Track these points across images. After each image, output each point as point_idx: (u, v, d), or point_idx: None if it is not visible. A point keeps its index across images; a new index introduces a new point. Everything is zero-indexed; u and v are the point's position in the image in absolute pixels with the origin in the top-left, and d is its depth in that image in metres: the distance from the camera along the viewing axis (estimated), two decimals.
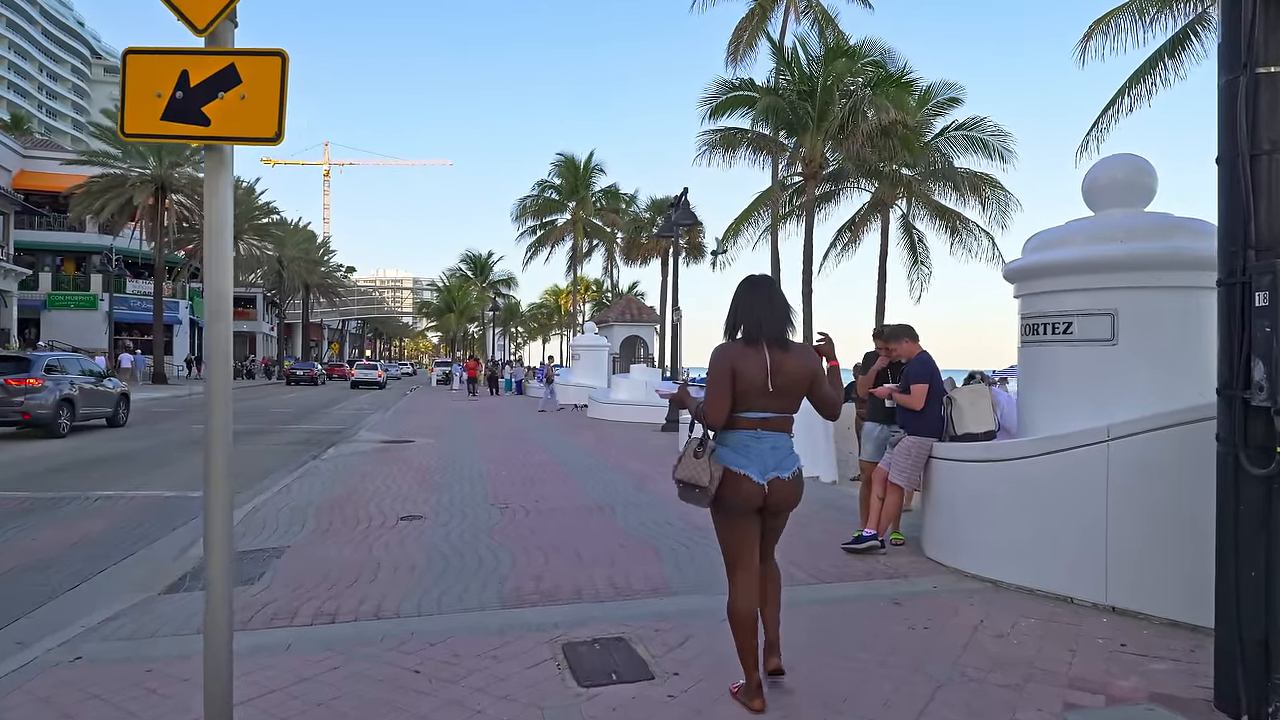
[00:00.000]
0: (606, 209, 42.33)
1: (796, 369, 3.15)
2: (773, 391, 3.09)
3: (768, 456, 3.12)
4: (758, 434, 3.12)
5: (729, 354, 3.14)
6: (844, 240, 21.52)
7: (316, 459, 12.10)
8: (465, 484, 9.43)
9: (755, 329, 3.16)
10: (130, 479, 10.29)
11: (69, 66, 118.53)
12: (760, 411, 3.11)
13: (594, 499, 8.30)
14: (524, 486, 9.21)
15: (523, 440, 14.95)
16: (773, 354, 3.11)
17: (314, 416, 21.85)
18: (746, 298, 3.24)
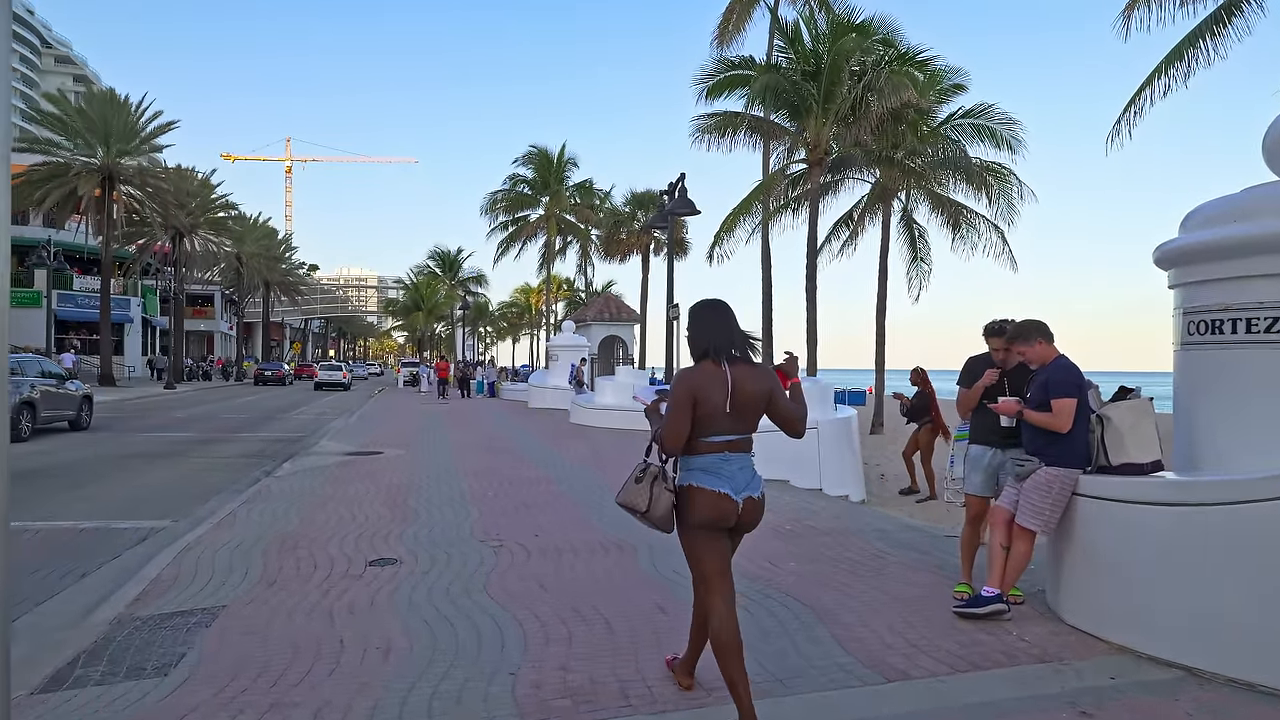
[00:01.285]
0: (581, 205, 40.87)
1: (754, 389, 3.17)
2: (732, 413, 3.13)
3: (738, 476, 3.17)
4: (725, 456, 3.17)
5: (689, 379, 3.16)
6: (841, 237, 20.36)
7: (270, 475, 10.54)
8: (446, 509, 7.98)
9: (713, 353, 3.18)
10: (45, 503, 8.68)
11: (18, 55, 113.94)
12: (725, 434, 3.16)
13: (606, 532, 6.90)
14: (518, 514, 7.78)
15: (505, 452, 13.49)
16: (734, 375, 3.13)
17: (271, 423, 20.13)
18: (705, 320, 3.27)
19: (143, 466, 11.79)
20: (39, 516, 8.03)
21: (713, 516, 3.14)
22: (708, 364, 3.18)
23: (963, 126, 16.81)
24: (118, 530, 7.49)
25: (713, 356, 3.18)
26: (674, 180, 14.55)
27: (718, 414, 3.12)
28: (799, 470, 9.33)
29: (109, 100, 36.44)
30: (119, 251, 40.27)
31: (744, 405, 3.16)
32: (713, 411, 3.11)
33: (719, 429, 3.14)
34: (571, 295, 58.17)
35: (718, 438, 3.15)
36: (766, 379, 3.26)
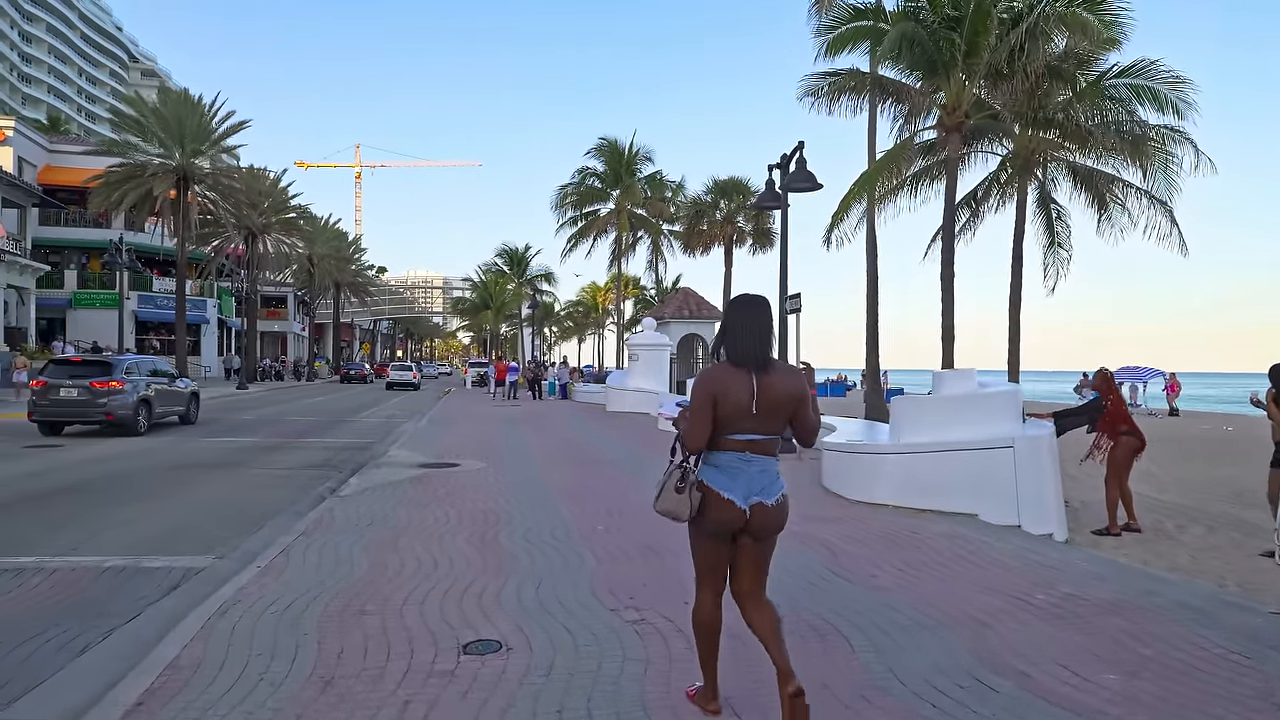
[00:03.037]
0: (653, 198, 39.10)
1: (782, 391, 3.12)
2: (757, 414, 3.09)
3: (755, 479, 3.13)
4: (746, 456, 3.13)
5: (711, 377, 3.16)
6: (961, 219, 18.08)
7: (334, 494, 9.03)
8: (550, 551, 6.25)
9: (735, 354, 3.15)
10: (79, 525, 7.31)
11: (107, 70, 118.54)
12: (747, 434, 3.12)
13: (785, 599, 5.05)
14: (646, 561, 6.00)
15: (599, 465, 11.77)
16: (758, 377, 3.09)
17: (338, 427, 18.92)
18: (732, 320, 3.22)
19: (197, 479, 10.47)
20: (63, 548, 6.62)
21: (714, 520, 3.14)
22: (731, 365, 3.14)
23: (1117, 87, 14.40)
24: (147, 572, 5.99)
25: (735, 362, 3.14)
26: (788, 152, 12.60)
27: (741, 413, 3.08)
28: (989, 500, 7.32)
29: (183, 100, 36.35)
30: (194, 253, 40.31)
31: (771, 407, 3.11)
32: (735, 411, 3.08)
33: (742, 428, 3.11)
34: (639, 293, 56.49)
35: (740, 436, 3.12)
36: (796, 380, 3.20)
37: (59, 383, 14.92)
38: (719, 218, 29.40)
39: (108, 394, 14.88)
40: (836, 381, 48.78)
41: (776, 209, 12.96)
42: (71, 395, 14.82)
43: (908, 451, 7.97)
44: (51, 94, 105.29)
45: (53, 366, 15.70)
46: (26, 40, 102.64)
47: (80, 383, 14.87)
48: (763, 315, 3.22)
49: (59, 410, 14.91)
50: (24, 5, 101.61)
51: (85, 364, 15.78)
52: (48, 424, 15.17)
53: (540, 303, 47.42)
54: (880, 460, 8.28)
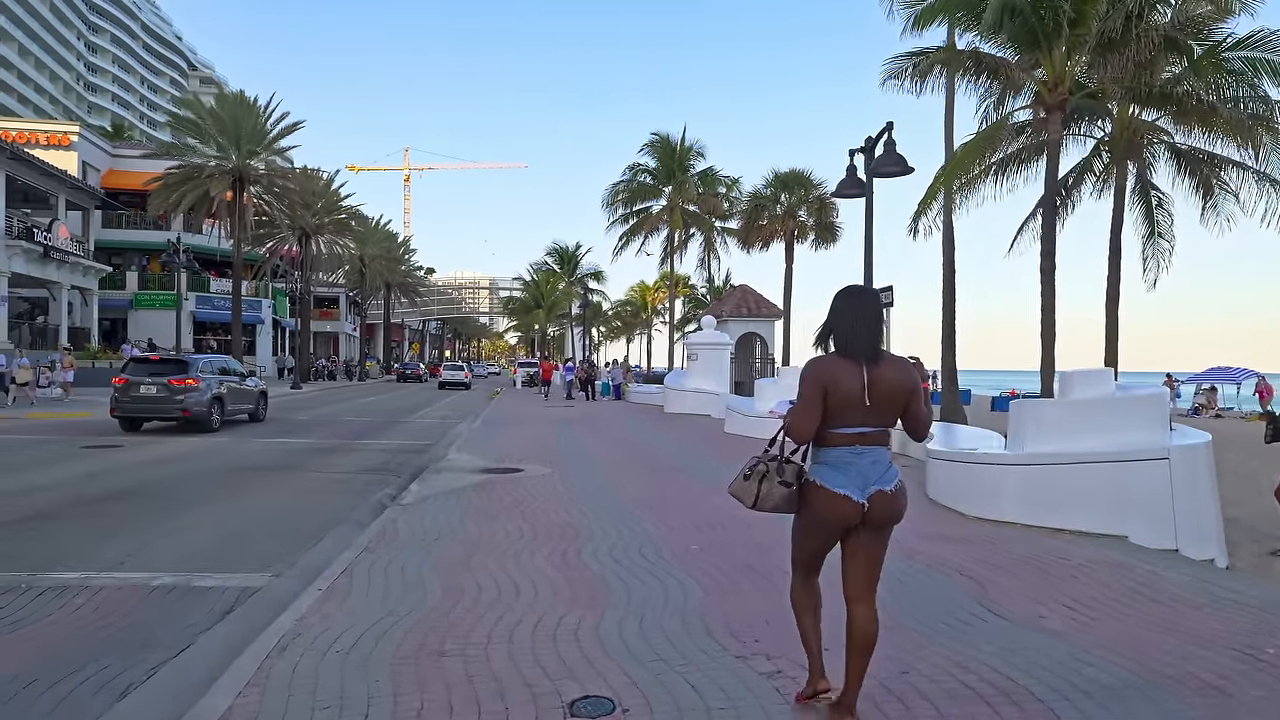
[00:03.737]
0: (706, 194, 38.18)
1: (894, 382, 3.06)
2: (870, 405, 3.02)
3: (869, 471, 3.05)
4: (857, 449, 3.05)
5: (821, 367, 3.06)
6: None
7: (395, 501, 8.42)
8: (645, 575, 5.49)
9: (843, 343, 3.08)
10: (131, 534, 6.81)
11: (168, 78, 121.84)
12: (858, 426, 3.04)
13: (938, 642, 4.21)
14: (759, 589, 5.21)
15: (672, 472, 11.00)
16: (868, 368, 3.02)
17: (393, 428, 18.49)
18: (841, 310, 3.16)
19: (252, 483, 9.99)
20: (111, 561, 6.09)
21: (829, 518, 3.10)
22: (840, 356, 3.07)
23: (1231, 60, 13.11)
24: (198, 592, 5.40)
25: (845, 353, 3.06)
26: (873, 135, 11.68)
27: (852, 405, 3.01)
28: (1139, 520, 6.34)
29: (239, 102, 36.61)
30: (249, 254, 40.68)
31: (883, 398, 3.03)
32: (845, 403, 3.01)
33: (852, 420, 3.04)
34: (689, 292, 55.53)
35: (850, 429, 3.04)
36: (907, 371, 3.13)
37: (139, 380, 15.34)
38: (779, 211, 28.38)
39: (184, 391, 15.32)
40: None
41: (859, 197, 12.05)
42: (151, 392, 15.26)
43: (1035, 463, 7.04)
44: (115, 102, 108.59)
45: (133, 365, 16.15)
46: (92, 50, 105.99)
47: (159, 380, 15.33)
48: (872, 305, 3.16)
49: (139, 407, 15.36)
50: (90, 17, 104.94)
51: (163, 362, 16.25)
52: (128, 420, 15.60)
53: (591, 302, 46.79)
54: (1001, 472, 7.34)
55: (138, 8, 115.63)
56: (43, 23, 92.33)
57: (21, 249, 28.04)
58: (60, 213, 32.46)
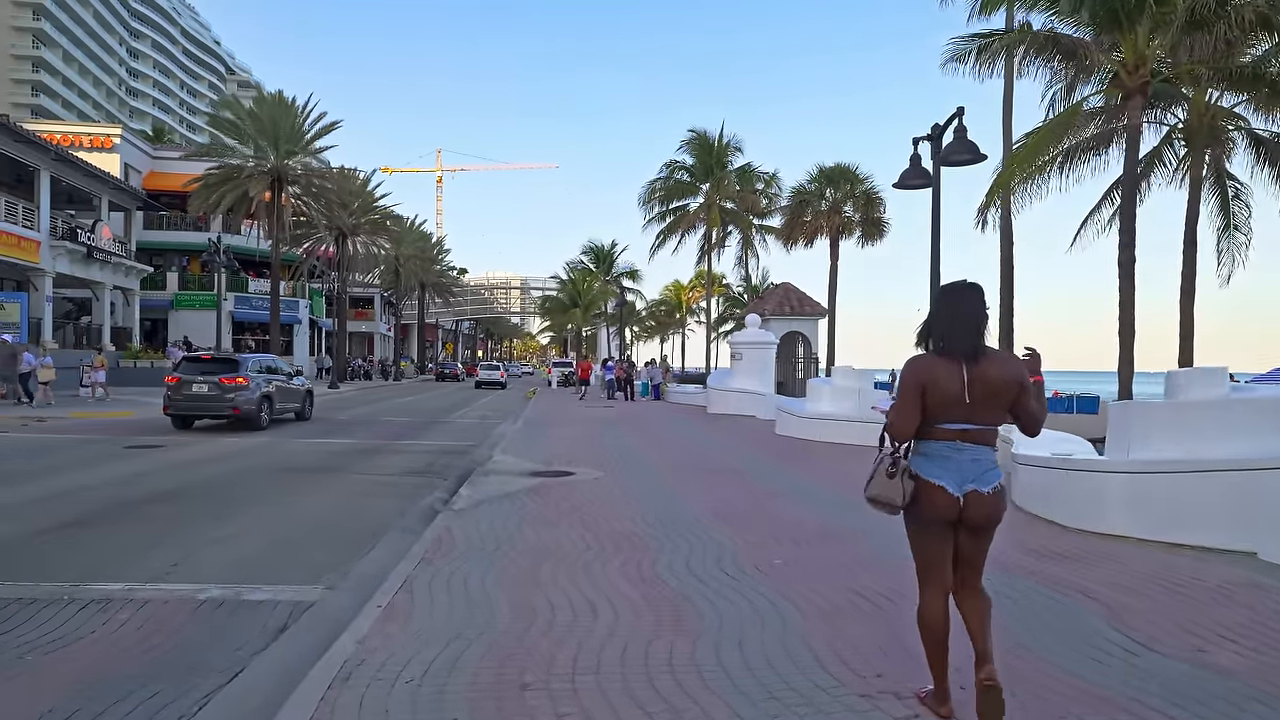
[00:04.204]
0: (744, 191, 37.50)
1: (998, 379, 3.00)
2: (971, 403, 2.99)
3: (967, 468, 3.02)
4: (958, 445, 3.03)
5: (919, 366, 3.07)
6: (1115, 201, 16.04)
7: (447, 506, 8.03)
8: (733, 595, 4.99)
9: (944, 342, 3.07)
10: (178, 540, 6.46)
11: (206, 83, 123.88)
12: (960, 423, 3.01)
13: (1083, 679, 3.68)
14: (861, 611, 4.69)
15: (729, 475, 10.49)
16: (968, 366, 2.99)
17: (434, 428, 18.19)
18: (939, 308, 3.16)
19: (298, 486, 9.67)
20: (156, 571, 5.74)
21: (928, 510, 3.06)
22: (939, 354, 3.06)
23: None
24: (249, 606, 5.02)
25: (944, 351, 3.04)
26: (941, 122, 11.07)
27: (952, 402, 2.99)
28: (1269, 533, 5.70)
29: (277, 102, 36.77)
30: (287, 255, 40.88)
31: (985, 396, 2.99)
32: (946, 400, 2.99)
33: (953, 417, 3.01)
34: (724, 291, 54.86)
35: (952, 425, 3.02)
36: (1014, 368, 3.06)
37: (191, 379, 15.48)
38: (824, 207, 27.66)
39: (235, 390, 15.42)
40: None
41: (923, 188, 11.43)
42: (202, 390, 15.38)
43: (1145, 470, 6.41)
44: (156, 106, 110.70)
45: (185, 363, 16.27)
46: (134, 56, 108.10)
47: (210, 379, 15.44)
48: (972, 302, 3.09)
49: (191, 405, 15.49)
50: (132, 23, 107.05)
51: (215, 361, 16.32)
52: (180, 418, 15.77)
53: (626, 301, 46.32)
54: (1103, 480, 6.73)
55: (177, 13, 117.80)
56: (86, 29, 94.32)
57: (66, 249, 28.30)
58: (103, 214, 32.79)
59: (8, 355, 20.01)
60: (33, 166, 27.22)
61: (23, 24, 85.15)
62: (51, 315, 28.61)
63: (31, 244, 26.37)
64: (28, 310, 25.08)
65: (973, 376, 2.99)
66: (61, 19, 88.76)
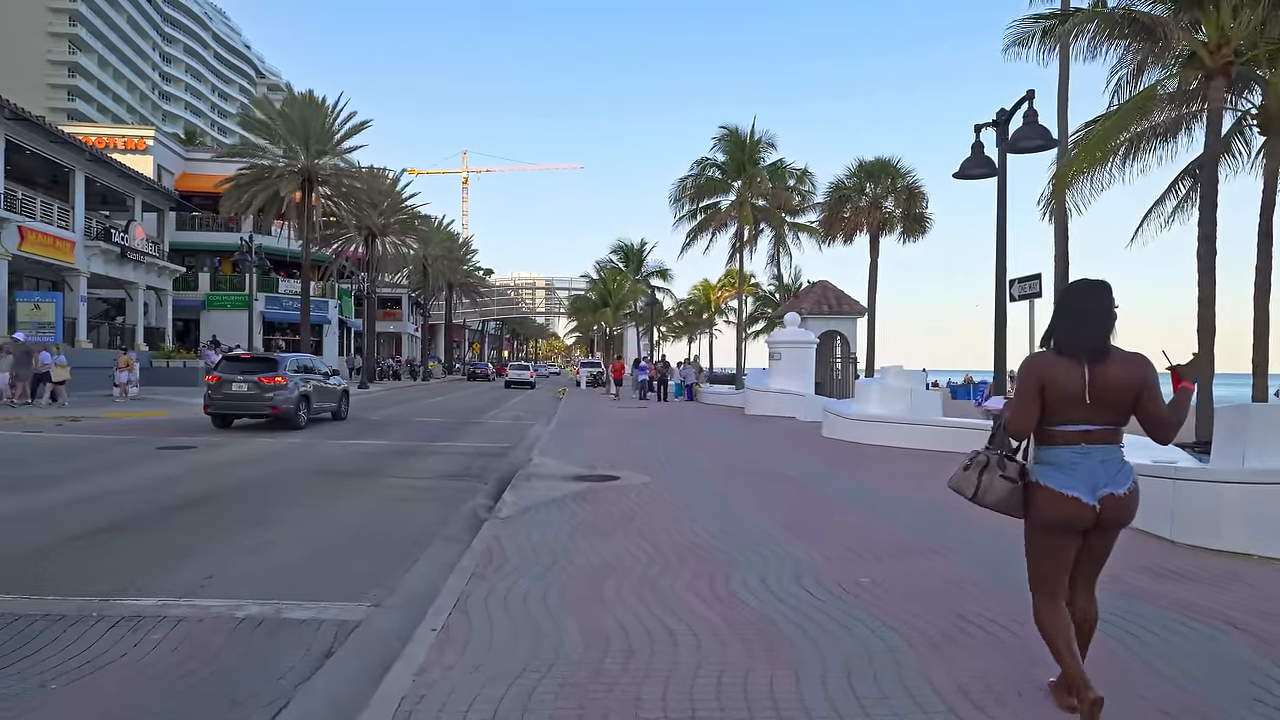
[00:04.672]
0: (776, 188, 36.81)
1: (1121, 379, 2.93)
2: (1092, 403, 2.91)
3: (1099, 471, 2.93)
4: (1083, 449, 2.94)
5: (1037, 365, 3.02)
6: (1178, 194, 15.26)
7: (492, 514, 7.58)
8: (824, 619, 4.47)
9: (1065, 341, 3.01)
10: (213, 549, 6.05)
11: (237, 86, 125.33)
12: (1081, 424, 2.94)
13: None
14: (976, 639, 4.15)
15: (782, 481, 9.95)
16: (1090, 365, 2.93)
17: (467, 429, 17.82)
18: (1063, 305, 3.11)
19: (332, 490, 9.28)
20: (190, 584, 5.34)
21: (1057, 519, 2.97)
22: (1059, 353, 3.00)
23: None
24: (290, 626, 4.59)
25: (1064, 350, 2.98)
26: (1007, 108, 10.44)
27: (1072, 402, 2.92)
28: None
29: (308, 102, 36.75)
30: (316, 255, 40.88)
31: (1107, 395, 2.91)
32: (1065, 399, 2.92)
33: (1074, 418, 2.93)
34: (754, 290, 54.15)
35: (1073, 427, 2.94)
36: (1138, 368, 2.96)
37: (231, 378, 15.54)
38: (864, 203, 26.96)
39: (274, 389, 15.43)
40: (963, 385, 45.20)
41: (988, 177, 10.81)
42: (242, 390, 15.41)
43: (1267, 481, 5.79)
44: (188, 110, 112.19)
45: (225, 363, 16.40)
46: (166, 60, 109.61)
47: (249, 378, 15.46)
48: (1097, 300, 3.03)
49: (230, 404, 15.53)
50: (164, 28, 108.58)
51: (254, 360, 16.40)
52: (220, 416, 15.86)
53: (657, 300, 45.76)
54: (1218, 491, 6.11)
55: (209, 18, 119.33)
56: (121, 34, 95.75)
57: (100, 249, 28.40)
58: (136, 214, 32.95)
59: (22, 354, 19.63)
60: (68, 167, 27.34)
61: (59, 30, 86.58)
62: (86, 315, 28.73)
63: (67, 244, 26.47)
64: (63, 310, 25.14)
65: (1094, 376, 2.90)
66: (97, 24, 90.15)
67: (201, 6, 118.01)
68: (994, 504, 3.15)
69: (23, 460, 11.15)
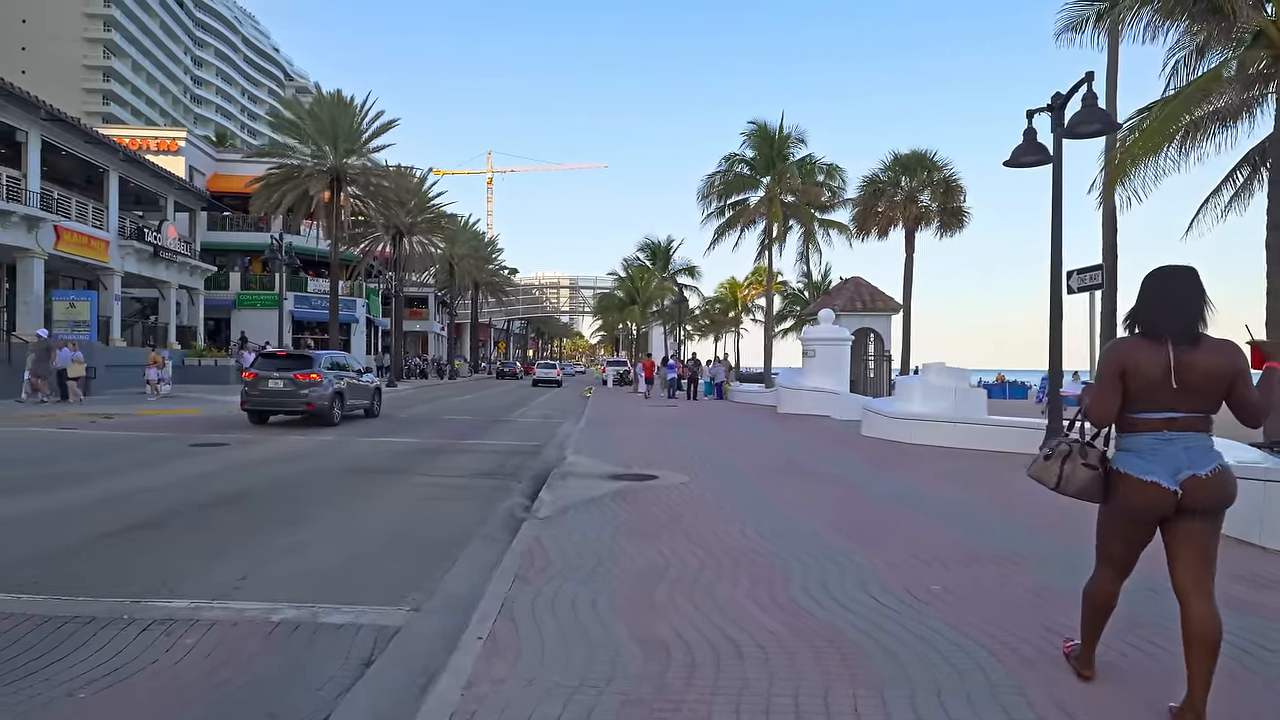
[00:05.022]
0: (806, 184, 36.27)
1: (1210, 366, 2.82)
2: (1178, 389, 2.83)
3: (1180, 457, 2.84)
4: (1166, 435, 2.86)
5: (1119, 350, 2.95)
6: (1236, 183, 14.65)
7: (530, 514, 7.31)
8: (900, 631, 4.13)
9: (1150, 326, 2.92)
10: (249, 549, 5.84)
11: (266, 89, 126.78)
12: (1165, 411, 2.86)
13: None
14: (1058, 653, 3.79)
15: (827, 482, 9.59)
16: (1177, 351, 2.83)
17: (497, 427, 17.63)
18: (1147, 290, 3.00)
19: (365, 488, 9.08)
20: (223, 585, 5.12)
21: (1136, 506, 2.92)
22: (1143, 338, 2.92)
23: None
24: (327, 631, 4.35)
25: (1148, 335, 2.91)
26: (1063, 92, 9.99)
27: (1155, 389, 2.84)
28: None
29: (336, 102, 36.85)
30: (344, 255, 41.06)
31: (1196, 383, 2.83)
32: (1147, 386, 2.85)
33: (1157, 405, 2.86)
34: (781, 289, 53.60)
35: (1155, 414, 2.87)
36: (1227, 354, 2.86)
37: (267, 375, 15.70)
38: (899, 197, 26.41)
39: (309, 386, 15.54)
40: (996, 384, 44.35)
41: (1041, 165, 10.36)
42: (278, 386, 15.54)
43: None
44: (219, 113, 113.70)
45: (261, 360, 16.58)
46: (198, 64, 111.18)
47: (285, 375, 15.60)
48: (1184, 284, 2.93)
49: (266, 400, 15.67)
50: (196, 33, 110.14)
51: (289, 357, 16.60)
52: (256, 413, 16.01)
53: (685, 298, 45.37)
54: None
55: (239, 22, 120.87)
56: (154, 39, 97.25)
57: (134, 249, 28.66)
58: (169, 214, 33.26)
59: (42, 350, 19.55)
60: (102, 168, 27.61)
61: (94, 35, 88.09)
62: (120, 314, 29.01)
63: (101, 243, 26.72)
64: (97, 308, 25.36)
65: (1180, 361, 2.82)
66: (130, 29, 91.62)
67: (232, 11, 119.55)
68: (1076, 492, 3.09)
69: (54, 457, 11.10)
